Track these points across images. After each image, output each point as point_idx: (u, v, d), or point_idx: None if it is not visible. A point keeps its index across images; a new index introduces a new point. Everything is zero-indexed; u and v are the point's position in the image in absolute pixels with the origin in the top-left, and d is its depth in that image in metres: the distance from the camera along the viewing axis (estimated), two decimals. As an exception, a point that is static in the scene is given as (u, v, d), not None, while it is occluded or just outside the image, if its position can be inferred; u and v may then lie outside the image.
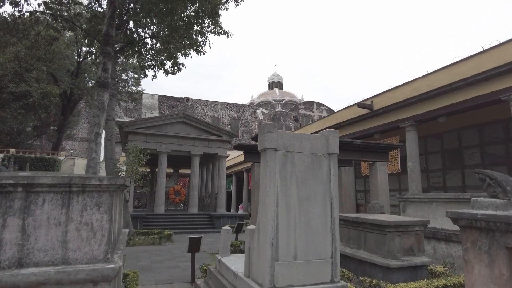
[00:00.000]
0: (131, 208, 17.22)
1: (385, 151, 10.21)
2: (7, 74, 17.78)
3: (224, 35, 12.34)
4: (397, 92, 12.61)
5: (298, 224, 4.07)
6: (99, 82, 8.88)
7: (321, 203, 4.25)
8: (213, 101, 54.94)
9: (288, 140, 4.22)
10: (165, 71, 15.44)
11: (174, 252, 9.93)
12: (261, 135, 4.17)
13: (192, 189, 19.04)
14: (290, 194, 4.09)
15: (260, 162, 4.35)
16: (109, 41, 9.22)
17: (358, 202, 17.80)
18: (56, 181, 2.83)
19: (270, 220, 3.91)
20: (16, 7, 13.10)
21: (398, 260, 5.59)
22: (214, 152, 19.47)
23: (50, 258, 2.79)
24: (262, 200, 4.05)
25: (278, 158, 4.11)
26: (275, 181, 4.01)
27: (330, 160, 4.41)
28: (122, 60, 31.83)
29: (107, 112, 13.33)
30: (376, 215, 6.36)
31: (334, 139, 4.47)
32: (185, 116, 19.20)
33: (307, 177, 4.24)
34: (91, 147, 8.66)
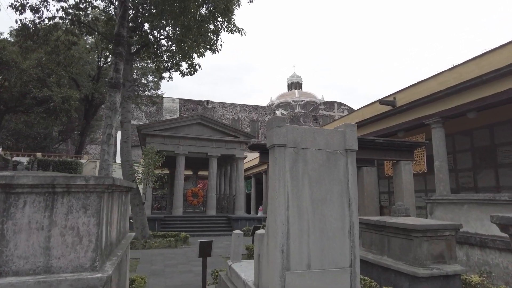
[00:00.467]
0: (150, 211, 17.22)
1: (409, 149, 9.55)
2: (31, 80, 18.26)
3: (238, 33, 12.06)
4: (422, 87, 11.88)
5: (312, 229, 3.65)
6: (110, 83, 8.79)
7: (338, 205, 3.82)
8: (232, 103, 55.00)
9: (300, 135, 3.81)
10: (181, 72, 15.34)
11: (189, 256, 9.68)
12: (269, 130, 3.79)
13: (210, 191, 18.85)
14: (302, 195, 3.68)
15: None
16: (121, 41, 9.14)
17: (382, 204, 17.01)
18: (37, 181, 2.56)
19: (280, 225, 3.51)
20: (36, 13, 13.34)
21: (426, 268, 5.04)
22: (231, 154, 19.21)
23: (31, 266, 2.52)
24: (271, 203, 3.66)
25: (288, 155, 3.71)
26: (285, 181, 3.62)
27: (348, 157, 3.97)
28: (141, 64, 32.37)
29: (123, 114, 13.37)
30: (401, 218, 5.81)
31: (352, 133, 4.03)
32: (201, 117, 19.07)
33: (322, 176, 3.82)
34: (103, 149, 8.55)
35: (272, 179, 3.68)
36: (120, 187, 3.63)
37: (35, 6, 13.39)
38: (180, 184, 18.18)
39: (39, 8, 13.42)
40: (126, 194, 4.79)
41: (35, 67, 18.09)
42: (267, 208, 3.77)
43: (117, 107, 8.70)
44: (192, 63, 15.03)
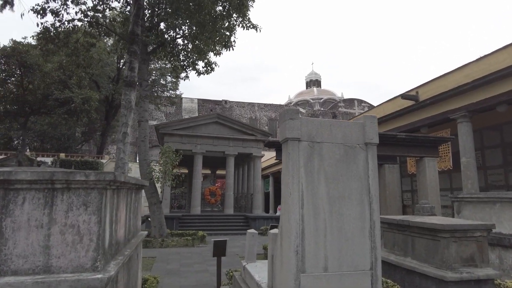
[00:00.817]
0: (168, 209, 17.32)
1: (434, 145, 9.05)
2: (53, 82, 18.74)
3: (253, 29, 11.85)
4: (447, 80, 11.29)
5: (329, 229, 3.40)
6: (125, 81, 8.79)
7: (357, 203, 3.54)
8: (250, 103, 54.97)
9: (315, 128, 3.56)
10: (197, 71, 15.30)
11: (206, 255, 9.57)
12: (282, 123, 3.56)
13: (227, 189, 18.77)
14: (318, 192, 3.43)
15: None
16: (135, 39, 9.13)
17: (405, 203, 16.39)
18: (36, 177, 2.45)
19: (294, 224, 3.27)
20: (57, 16, 13.62)
21: (455, 272, 4.67)
22: (248, 152, 19.05)
23: (30, 266, 2.41)
24: (284, 201, 3.43)
25: (303, 150, 3.47)
26: (299, 177, 3.38)
27: (368, 151, 3.68)
28: (160, 65, 32.73)
29: (140, 113, 13.45)
30: (426, 217, 5.44)
31: (372, 126, 3.73)
32: (218, 116, 19.01)
33: (339, 172, 3.55)
34: (119, 147, 8.56)
35: (285, 176, 3.45)
36: (127, 184, 3.50)
37: (55, 10, 13.67)
38: (198, 183, 18.19)
39: (59, 12, 13.70)
40: (137, 192, 4.68)
41: (57, 69, 18.57)
42: (281, 206, 3.54)
43: (132, 106, 8.69)
44: (208, 61, 14.96)
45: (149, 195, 12.37)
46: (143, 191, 14.27)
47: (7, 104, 19.05)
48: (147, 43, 13.30)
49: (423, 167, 9.05)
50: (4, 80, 18.13)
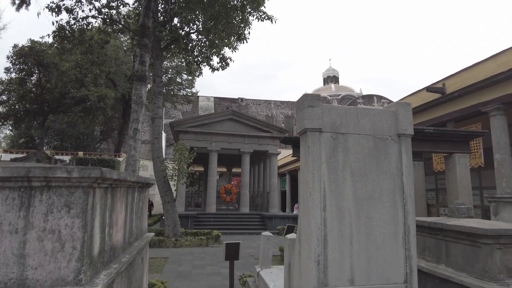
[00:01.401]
0: (183, 208, 17.09)
1: (465, 140, 8.32)
2: (70, 80, 18.84)
3: (268, 20, 11.36)
4: (477, 70, 10.45)
5: (356, 235, 2.90)
6: (136, 76, 8.50)
7: (388, 205, 3.03)
8: (266, 100, 54.49)
9: (339, 117, 3.06)
10: (211, 67, 14.96)
11: (219, 256, 9.19)
12: (300, 112, 3.08)
13: (243, 188, 18.38)
14: (343, 192, 2.94)
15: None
16: (146, 32, 8.82)
17: (429, 202, 15.54)
18: (9, 173, 2.08)
19: (315, 229, 2.80)
20: (71, 14, 13.55)
21: (501, 284, 4.06)
22: (264, 150, 18.59)
23: (2, 278, 2.04)
24: (304, 202, 2.96)
25: (325, 143, 2.98)
26: (320, 174, 2.89)
27: (401, 144, 3.16)
28: (176, 63, 32.65)
29: (154, 110, 13.21)
30: (463, 220, 4.83)
31: (406, 114, 3.20)
32: (233, 113, 18.63)
33: (368, 168, 3.04)
34: (130, 144, 8.28)
35: (304, 173, 2.97)
36: (125, 182, 3.11)
37: (70, 7, 13.59)
38: (213, 181, 17.89)
39: (74, 9, 13.61)
40: (142, 190, 4.31)
41: (73, 68, 18.67)
42: (299, 208, 3.07)
43: (143, 101, 8.39)
44: (223, 56, 14.59)
45: (162, 193, 12.12)
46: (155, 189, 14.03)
47: (27, 103, 19.31)
48: (161, 38, 13.03)
49: (452, 164, 8.33)
50: (23, 80, 18.34)
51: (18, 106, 19.32)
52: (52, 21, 12.49)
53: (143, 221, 4.49)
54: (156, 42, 13.32)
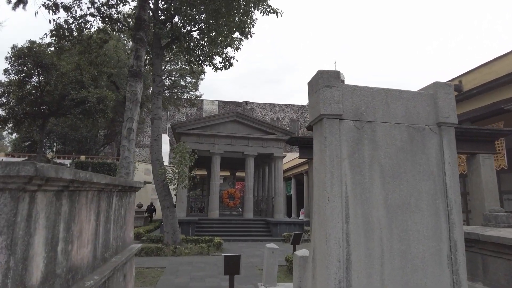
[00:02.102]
0: (185, 213, 16.44)
1: (490, 140, 7.58)
2: (70, 82, 18.40)
3: (273, 14, 10.74)
4: (498, 65, 9.72)
5: (388, 254, 2.22)
6: (131, 71, 7.92)
7: (429, 214, 2.35)
8: (271, 104, 53.97)
9: (364, 100, 2.40)
10: (214, 67, 14.42)
11: (220, 266, 8.49)
12: (313, 95, 2.42)
13: (247, 192, 17.69)
14: (371, 198, 2.27)
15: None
16: (142, 25, 8.26)
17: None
18: None
19: (335, 247, 2.12)
20: (69, 12, 13.08)
21: (557, 309, 3.33)
22: (269, 152, 17.90)
23: None
24: (319, 210, 2.29)
25: (347, 134, 2.31)
26: (341, 174, 2.23)
27: (442, 135, 2.48)
28: (180, 66, 32.25)
29: (153, 111, 12.62)
30: (504, 230, 4.12)
31: (447, 98, 2.53)
32: (237, 114, 18.00)
33: (402, 167, 2.37)
34: (124, 145, 7.67)
35: (320, 173, 2.31)
36: (93, 185, 2.47)
37: (68, 5, 13.12)
38: (215, 185, 17.23)
39: (72, 7, 13.14)
40: (123, 195, 3.67)
41: (74, 69, 18.23)
42: (313, 218, 2.40)
43: (138, 98, 7.81)
44: (226, 56, 14.05)
45: (161, 198, 11.49)
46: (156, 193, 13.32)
47: (27, 106, 18.88)
48: (161, 36, 12.50)
49: (476, 166, 7.59)
50: (22, 81, 17.91)
51: (18, 108, 18.89)
52: (49, 19, 11.94)
53: (127, 230, 3.84)
54: (156, 40, 12.80)
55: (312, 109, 2.42)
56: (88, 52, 14.05)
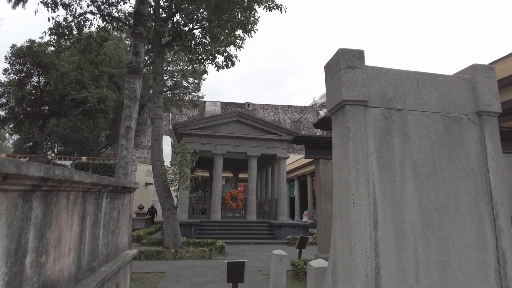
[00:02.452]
0: (186, 215, 16.09)
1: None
2: (70, 82, 18.16)
3: (277, 10, 10.41)
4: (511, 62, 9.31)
5: (424, 266, 1.86)
6: (130, 68, 7.61)
7: (470, 219, 1.98)
8: (273, 105, 53.69)
9: (392, 85, 2.05)
10: (216, 65, 14.11)
11: (223, 270, 8.09)
12: (333, 78, 2.06)
13: (250, 194, 17.31)
14: (403, 200, 1.91)
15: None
16: (141, 20, 7.95)
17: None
18: None
19: (362, 259, 1.76)
20: (69, 10, 12.82)
21: None
22: (272, 153, 17.53)
23: None
24: (342, 215, 1.92)
25: (373, 123, 1.96)
26: (367, 172, 1.87)
27: (484, 126, 2.12)
28: (182, 67, 32.03)
29: (154, 110, 12.31)
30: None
31: (488, 83, 2.18)
32: (240, 114, 17.65)
33: (437, 163, 2.01)
34: (121, 144, 7.34)
35: (341, 170, 1.95)
36: (75, 184, 2.13)
37: (67, 2, 12.85)
38: (218, 187, 16.87)
39: (71, 4, 12.87)
40: (116, 196, 3.32)
41: (74, 69, 17.98)
42: (333, 225, 2.03)
43: (137, 96, 7.49)
44: (228, 55, 13.76)
45: (162, 199, 11.15)
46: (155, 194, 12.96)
47: (27, 106, 18.64)
48: (162, 34, 12.19)
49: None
50: (22, 81, 17.67)
51: (18, 109, 18.65)
52: (48, 17, 11.67)
53: (120, 235, 3.49)
54: (157, 38, 12.51)
55: (331, 96, 2.07)
56: (88, 51, 13.78)
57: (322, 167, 7.69)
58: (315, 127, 6.33)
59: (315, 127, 6.33)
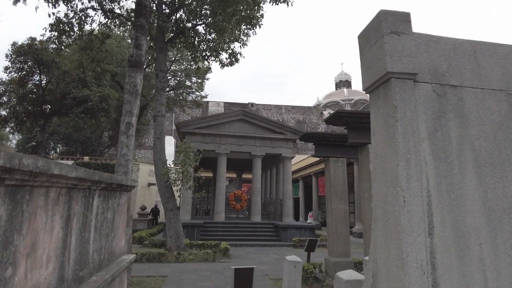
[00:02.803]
0: (190, 216, 15.72)
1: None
2: (72, 81, 17.90)
3: (284, 3, 10.03)
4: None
5: (494, 284, 1.46)
6: (130, 61, 7.26)
7: (545, 223, 1.58)
8: (276, 105, 53.37)
9: (444, 56, 1.65)
10: (221, 63, 13.77)
11: (228, 274, 7.75)
12: (372, 47, 1.67)
13: (254, 194, 16.91)
14: (463, 198, 1.51)
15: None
16: (142, 11, 7.60)
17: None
18: None
19: (415, 273, 1.37)
20: (70, 5, 12.53)
21: None
22: (277, 153, 17.13)
23: None
24: (388, 217, 1.53)
25: (424, 102, 1.57)
26: (419, 162, 1.48)
27: (559, 108, 1.72)
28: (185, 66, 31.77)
29: (156, 108, 11.96)
30: None
31: None
32: (244, 113, 17.28)
33: (503, 151, 1.62)
34: (122, 141, 6.99)
35: (386, 160, 1.56)
36: (56, 179, 1.76)
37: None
38: (222, 187, 16.49)
39: (72, 0, 12.58)
40: (110, 195, 2.95)
41: (76, 68, 17.71)
42: (373, 229, 1.64)
43: (138, 90, 7.13)
44: (233, 51, 13.42)
45: (164, 200, 10.78)
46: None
47: (28, 105, 18.39)
48: (164, 29, 11.86)
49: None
50: (23, 79, 17.41)
51: (19, 108, 18.40)
52: (48, 12, 11.33)
53: (116, 239, 3.12)
54: (159, 34, 12.19)
55: (368, 70, 1.68)
56: (90, 48, 13.50)
57: (332, 165, 7.29)
58: (327, 123, 5.92)
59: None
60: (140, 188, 23.15)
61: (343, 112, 5.41)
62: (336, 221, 7.05)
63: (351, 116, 5.43)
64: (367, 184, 5.50)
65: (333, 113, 5.53)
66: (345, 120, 5.50)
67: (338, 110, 5.48)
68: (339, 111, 5.39)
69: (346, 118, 5.44)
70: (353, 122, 5.44)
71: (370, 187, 5.54)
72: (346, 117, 5.42)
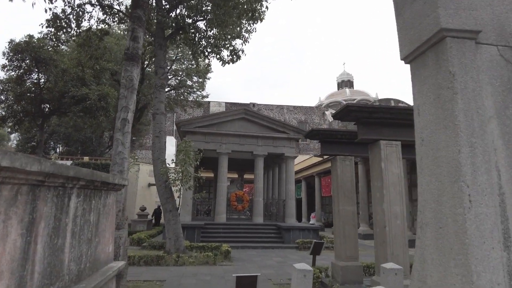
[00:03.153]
0: (190, 217, 15.34)
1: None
2: (71, 79, 17.58)
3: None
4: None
5: None
6: (127, 54, 6.91)
7: None
8: (278, 105, 53.01)
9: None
10: (221, 60, 13.42)
11: (229, 279, 7.37)
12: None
13: (256, 195, 16.52)
14: (545, 195, 1.12)
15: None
16: (139, 2, 7.26)
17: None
18: None
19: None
20: (67, 1, 12.20)
21: None
22: (280, 152, 16.74)
23: None
24: (444, 223, 1.13)
25: (488, 69, 1.18)
26: (486, 149, 1.09)
27: None
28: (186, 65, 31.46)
29: (156, 105, 11.62)
30: None
31: None
32: (246, 111, 16.90)
33: None
34: (117, 138, 6.63)
35: (437, 147, 1.17)
36: (5, 171, 1.39)
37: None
38: (223, 187, 16.12)
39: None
40: (94, 194, 2.57)
41: (75, 66, 17.40)
42: (420, 237, 1.26)
43: (134, 85, 6.79)
44: (234, 49, 13.07)
45: (163, 200, 10.42)
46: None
47: (27, 104, 18.08)
48: (164, 25, 11.52)
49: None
50: (20, 78, 17.09)
51: (17, 107, 18.09)
52: (45, 8, 11.02)
53: (101, 244, 2.74)
54: (159, 30, 11.86)
55: (409, 31, 1.29)
56: (88, 45, 13.16)
57: (340, 164, 6.90)
58: (335, 118, 5.55)
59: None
60: (140, 189, 22.81)
61: (353, 106, 5.03)
62: (343, 223, 6.66)
63: (362, 111, 5.04)
64: (379, 183, 5.11)
65: (342, 107, 5.14)
66: (355, 115, 5.11)
67: (348, 104, 5.10)
68: (348, 105, 5.00)
69: (356, 113, 5.05)
70: (364, 117, 5.06)
71: (381, 187, 5.15)
72: (356, 112, 5.04)
